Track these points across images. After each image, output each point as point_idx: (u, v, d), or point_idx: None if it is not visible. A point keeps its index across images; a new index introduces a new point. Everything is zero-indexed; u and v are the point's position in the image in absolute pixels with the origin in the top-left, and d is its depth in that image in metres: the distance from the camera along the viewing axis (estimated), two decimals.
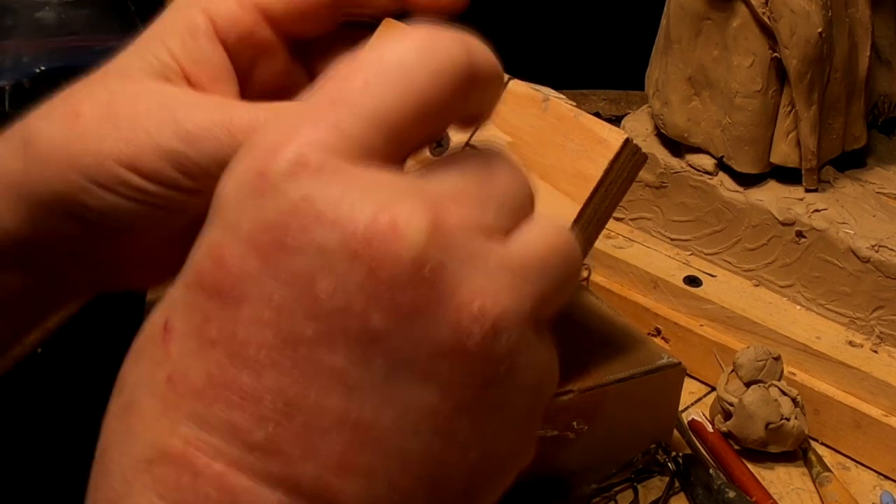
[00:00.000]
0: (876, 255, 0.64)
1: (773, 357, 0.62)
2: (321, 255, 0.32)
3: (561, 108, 0.48)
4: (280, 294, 0.32)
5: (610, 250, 0.73)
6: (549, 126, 0.47)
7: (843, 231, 0.66)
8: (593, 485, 0.58)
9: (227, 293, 0.32)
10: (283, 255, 0.32)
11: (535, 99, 0.48)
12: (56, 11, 0.84)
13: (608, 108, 0.99)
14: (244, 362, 0.32)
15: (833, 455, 0.64)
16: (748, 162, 0.69)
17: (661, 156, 0.73)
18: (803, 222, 0.67)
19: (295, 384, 0.32)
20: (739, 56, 0.68)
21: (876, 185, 0.71)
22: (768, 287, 0.70)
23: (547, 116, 0.47)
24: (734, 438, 0.62)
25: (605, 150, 0.46)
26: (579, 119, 0.47)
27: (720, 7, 0.68)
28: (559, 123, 0.47)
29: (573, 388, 0.54)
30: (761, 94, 0.68)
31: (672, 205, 0.72)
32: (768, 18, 0.66)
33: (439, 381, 0.33)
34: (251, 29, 0.53)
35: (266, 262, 0.32)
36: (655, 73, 0.73)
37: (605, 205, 0.47)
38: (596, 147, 0.46)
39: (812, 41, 0.65)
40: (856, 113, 0.72)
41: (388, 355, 0.33)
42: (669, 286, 0.70)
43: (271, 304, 0.32)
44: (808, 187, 0.69)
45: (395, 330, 0.32)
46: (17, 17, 0.83)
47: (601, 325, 0.60)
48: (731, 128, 0.69)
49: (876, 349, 0.65)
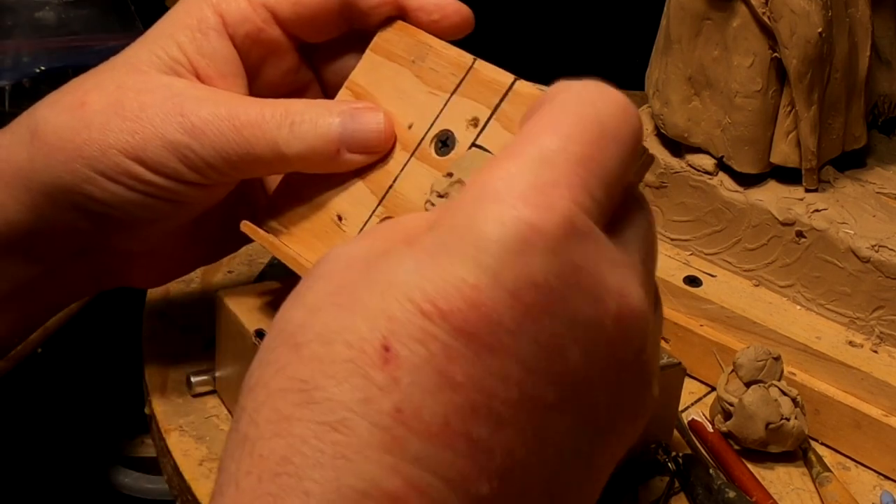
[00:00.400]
0: (876, 255, 0.64)
1: (773, 357, 0.62)
2: (578, 327, 0.32)
3: None
4: (534, 355, 0.32)
5: None
6: None
7: (844, 231, 0.66)
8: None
9: (480, 339, 0.31)
10: (546, 319, 0.32)
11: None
12: (56, 11, 0.85)
13: None
14: (486, 414, 0.31)
15: (833, 455, 0.64)
16: (748, 162, 0.69)
17: (660, 156, 0.73)
18: (803, 222, 0.67)
19: (524, 445, 0.32)
20: (739, 56, 0.68)
21: (876, 185, 0.71)
22: (768, 287, 0.70)
23: None
24: (734, 438, 0.62)
25: None
26: None
27: (720, 7, 0.68)
28: None
29: None
30: (761, 94, 0.68)
31: (672, 205, 0.72)
32: (768, 18, 0.66)
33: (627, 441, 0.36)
34: (260, 27, 0.53)
35: (527, 320, 0.32)
36: (655, 73, 0.73)
37: None
38: None
39: (812, 41, 0.65)
40: (856, 113, 0.72)
41: (600, 424, 0.34)
42: (669, 286, 0.70)
43: (524, 363, 0.31)
44: (808, 187, 0.69)
45: (612, 405, 0.34)
46: (17, 17, 0.83)
47: None
48: (731, 128, 0.69)
49: (876, 349, 0.65)
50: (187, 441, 0.58)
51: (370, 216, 0.52)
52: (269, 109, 0.50)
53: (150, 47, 0.52)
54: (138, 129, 0.49)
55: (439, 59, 0.52)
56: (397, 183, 0.51)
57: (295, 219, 0.54)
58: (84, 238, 0.53)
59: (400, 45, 0.54)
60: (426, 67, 0.52)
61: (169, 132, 0.49)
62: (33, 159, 0.50)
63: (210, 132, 0.49)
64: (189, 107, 0.49)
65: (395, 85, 0.53)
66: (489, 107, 0.50)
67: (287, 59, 0.55)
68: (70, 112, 0.50)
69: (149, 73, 0.51)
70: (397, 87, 0.53)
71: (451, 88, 0.51)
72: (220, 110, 0.49)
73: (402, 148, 0.52)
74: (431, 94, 0.52)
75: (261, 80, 0.55)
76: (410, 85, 0.52)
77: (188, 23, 0.52)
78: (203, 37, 0.52)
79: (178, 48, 0.52)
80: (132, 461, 0.77)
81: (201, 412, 0.60)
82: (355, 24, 0.55)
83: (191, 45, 0.52)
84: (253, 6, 0.53)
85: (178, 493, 0.57)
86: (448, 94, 0.51)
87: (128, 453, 0.77)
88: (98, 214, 0.51)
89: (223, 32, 0.52)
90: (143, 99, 0.50)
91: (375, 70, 0.54)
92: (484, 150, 0.49)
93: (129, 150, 0.49)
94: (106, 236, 0.53)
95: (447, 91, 0.51)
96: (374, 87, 0.54)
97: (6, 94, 0.80)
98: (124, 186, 0.50)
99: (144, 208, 0.51)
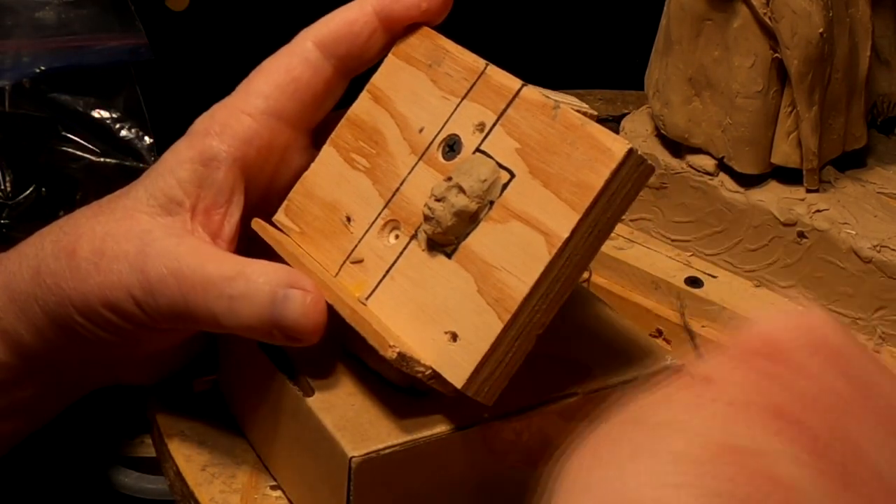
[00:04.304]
0: (878, 256, 0.64)
1: None
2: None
3: (570, 116, 0.47)
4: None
5: (610, 252, 0.73)
6: (557, 134, 0.47)
7: (845, 231, 0.66)
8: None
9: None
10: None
11: (546, 106, 0.48)
12: (56, 11, 0.84)
13: (604, 108, 0.99)
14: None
15: None
16: (749, 162, 0.69)
17: (661, 156, 0.73)
18: (805, 223, 0.67)
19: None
20: (740, 57, 0.68)
21: (877, 186, 0.71)
22: (770, 288, 0.70)
23: (555, 124, 0.47)
24: None
25: (608, 159, 0.46)
26: (586, 128, 0.47)
27: (721, 8, 0.68)
28: (567, 131, 0.47)
29: (578, 391, 0.53)
30: (762, 94, 0.68)
31: (673, 206, 0.73)
32: (769, 19, 0.66)
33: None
34: (270, 139, 0.55)
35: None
36: (655, 74, 0.73)
37: (606, 216, 0.46)
38: (599, 156, 0.46)
39: (813, 42, 0.65)
40: (856, 113, 0.72)
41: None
42: (670, 287, 0.70)
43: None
44: (809, 188, 0.69)
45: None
46: (17, 17, 0.83)
47: (604, 327, 0.60)
48: (731, 128, 0.69)
49: (878, 350, 0.65)
50: (189, 446, 0.58)
51: (376, 218, 0.52)
52: (218, 273, 0.51)
53: (148, 185, 0.54)
54: (108, 283, 0.52)
55: (454, 64, 0.52)
56: (404, 186, 0.52)
57: (307, 218, 0.54)
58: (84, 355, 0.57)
59: (420, 49, 0.54)
60: (441, 72, 0.52)
61: (132, 286, 0.52)
62: (36, 295, 0.54)
63: (161, 291, 0.52)
64: (150, 263, 0.52)
65: (411, 89, 0.53)
66: (496, 112, 0.50)
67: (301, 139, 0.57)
68: (63, 259, 0.54)
69: (135, 219, 0.54)
70: (413, 90, 0.53)
71: (463, 93, 0.51)
72: (175, 267, 0.51)
73: (412, 152, 0.52)
74: (444, 98, 0.52)
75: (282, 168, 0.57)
76: (425, 89, 0.53)
77: (190, 155, 0.54)
78: (205, 168, 0.54)
79: (177, 185, 0.54)
80: (132, 461, 0.77)
81: (203, 416, 0.60)
82: (354, 73, 0.56)
83: (191, 177, 0.54)
84: (256, 119, 0.54)
85: (181, 499, 0.57)
86: (459, 98, 0.51)
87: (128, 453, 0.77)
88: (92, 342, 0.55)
89: (229, 163, 0.54)
90: (122, 248, 0.53)
91: (395, 74, 0.54)
92: (486, 156, 0.49)
93: (102, 299, 0.53)
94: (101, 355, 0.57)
95: (459, 95, 0.51)
96: (392, 90, 0.54)
97: (6, 94, 0.80)
98: (101, 328, 0.54)
99: (136, 342, 0.55)
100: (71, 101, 0.84)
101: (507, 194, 0.48)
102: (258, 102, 0.54)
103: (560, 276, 0.46)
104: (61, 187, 0.82)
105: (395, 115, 0.53)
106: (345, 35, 0.54)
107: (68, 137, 0.83)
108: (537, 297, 0.47)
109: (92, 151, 0.84)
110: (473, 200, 0.48)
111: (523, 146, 0.48)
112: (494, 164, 0.49)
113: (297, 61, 0.54)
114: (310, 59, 0.54)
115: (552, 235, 0.46)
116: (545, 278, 0.46)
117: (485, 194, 0.48)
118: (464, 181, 0.48)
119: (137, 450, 0.79)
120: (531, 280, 0.46)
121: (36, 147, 0.83)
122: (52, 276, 0.53)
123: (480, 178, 0.48)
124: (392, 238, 0.52)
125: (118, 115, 0.85)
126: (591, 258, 0.48)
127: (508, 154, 0.49)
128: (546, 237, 0.46)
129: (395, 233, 0.52)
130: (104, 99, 0.85)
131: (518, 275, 0.46)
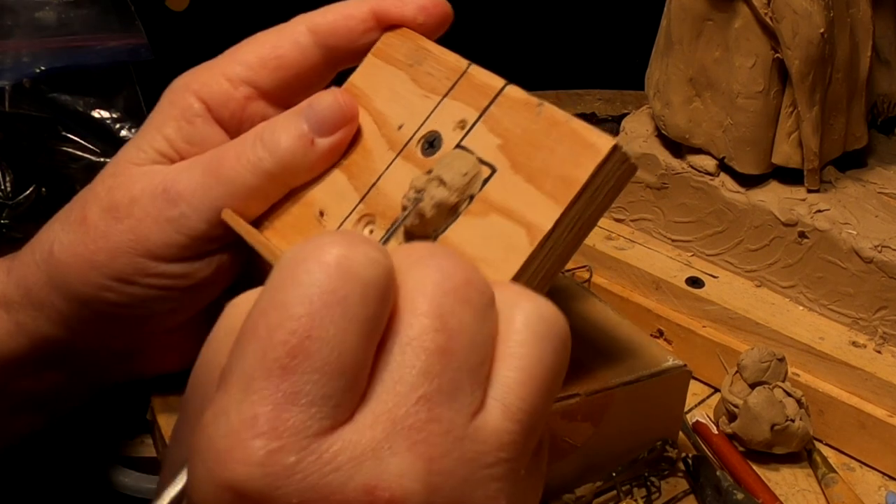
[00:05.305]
0: (879, 256, 0.64)
1: (777, 358, 0.62)
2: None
3: (554, 112, 0.47)
4: None
5: (611, 252, 0.73)
6: (541, 130, 0.47)
7: (846, 232, 0.66)
8: (598, 482, 0.58)
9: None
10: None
11: (530, 104, 0.48)
12: (56, 11, 0.84)
13: (603, 108, 0.99)
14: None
15: (838, 456, 0.64)
16: (750, 163, 0.69)
17: (661, 157, 0.73)
18: (805, 223, 0.67)
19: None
20: (741, 57, 0.68)
21: (877, 186, 0.71)
22: (770, 288, 0.70)
23: (539, 120, 0.47)
24: (738, 440, 0.62)
25: (593, 154, 0.45)
26: (570, 124, 0.46)
27: (722, 8, 0.68)
28: (551, 128, 0.47)
29: (580, 392, 0.53)
30: (763, 94, 0.68)
31: (673, 206, 0.72)
32: (770, 19, 0.66)
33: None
34: (243, 105, 0.56)
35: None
36: (656, 74, 0.73)
37: (589, 211, 0.46)
38: (584, 152, 0.45)
39: (814, 42, 0.65)
40: (857, 113, 0.72)
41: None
42: (671, 287, 0.70)
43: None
44: (810, 188, 0.69)
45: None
46: (17, 17, 0.83)
47: (605, 328, 0.59)
48: (732, 129, 0.69)
49: (879, 349, 0.65)
50: None
51: (350, 212, 0.52)
52: (238, 138, 0.53)
53: (138, 144, 0.55)
54: (134, 224, 0.52)
55: (436, 64, 0.52)
56: (380, 181, 0.51)
57: (279, 212, 0.54)
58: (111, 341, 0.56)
59: (401, 49, 0.54)
60: (422, 71, 0.52)
61: (161, 210, 0.52)
62: (53, 280, 0.53)
63: (193, 191, 0.52)
64: (170, 179, 0.52)
65: (390, 87, 0.53)
66: (478, 109, 0.49)
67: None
68: (75, 229, 0.53)
69: (133, 170, 0.54)
70: (392, 89, 0.53)
71: (444, 91, 0.51)
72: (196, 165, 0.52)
73: (390, 148, 0.52)
74: (425, 97, 0.52)
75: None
76: (405, 88, 0.53)
77: (173, 114, 0.55)
78: (189, 125, 0.54)
79: (164, 141, 0.54)
80: (132, 461, 0.77)
81: None
82: (342, 66, 0.56)
83: (178, 135, 0.54)
84: (234, 84, 0.55)
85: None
86: (440, 96, 0.51)
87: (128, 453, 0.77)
88: (122, 317, 0.54)
89: (208, 117, 0.55)
90: (132, 192, 0.53)
91: (374, 73, 0.54)
92: (466, 151, 0.49)
93: (133, 246, 0.52)
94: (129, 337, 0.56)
95: (440, 94, 0.51)
96: (371, 89, 0.54)
97: (6, 94, 0.80)
98: (139, 286, 0.53)
99: (163, 301, 0.54)
100: (71, 101, 0.84)
101: (487, 189, 0.48)
102: (238, 70, 0.55)
103: (540, 269, 0.46)
104: (61, 187, 0.82)
105: (373, 113, 0.53)
106: (340, 27, 0.55)
107: (68, 137, 0.83)
108: None
109: (92, 151, 0.84)
110: (454, 193, 0.48)
111: (506, 142, 0.48)
112: (476, 158, 0.48)
113: (285, 41, 0.55)
114: (299, 42, 0.55)
115: (534, 228, 0.45)
116: (525, 271, 0.45)
117: (465, 188, 0.48)
118: (444, 174, 0.48)
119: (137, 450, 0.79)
120: (511, 272, 0.45)
121: (36, 147, 0.83)
122: (69, 250, 0.53)
123: (461, 171, 0.48)
124: (367, 232, 0.51)
125: (118, 115, 0.85)
126: (571, 254, 0.47)
127: (490, 150, 0.48)
128: (527, 229, 0.45)
129: (371, 227, 0.51)
130: (104, 99, 0.85)
131: (498, 267, 0.46)
